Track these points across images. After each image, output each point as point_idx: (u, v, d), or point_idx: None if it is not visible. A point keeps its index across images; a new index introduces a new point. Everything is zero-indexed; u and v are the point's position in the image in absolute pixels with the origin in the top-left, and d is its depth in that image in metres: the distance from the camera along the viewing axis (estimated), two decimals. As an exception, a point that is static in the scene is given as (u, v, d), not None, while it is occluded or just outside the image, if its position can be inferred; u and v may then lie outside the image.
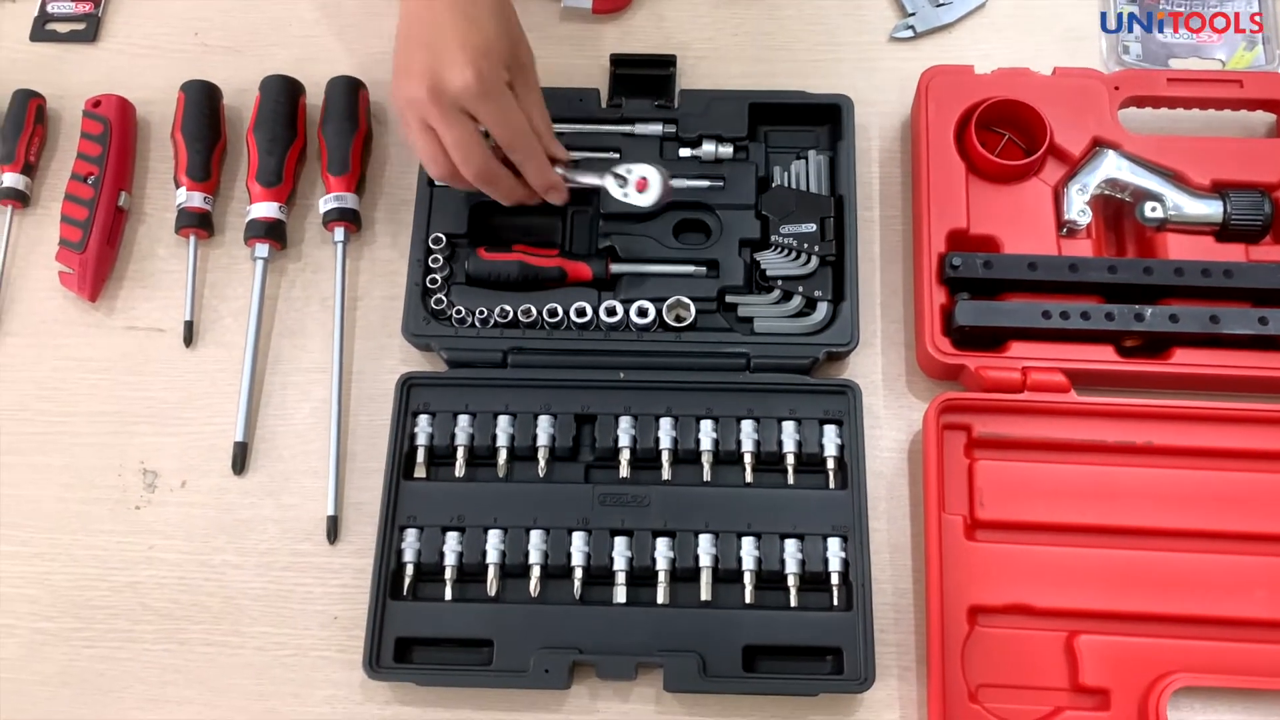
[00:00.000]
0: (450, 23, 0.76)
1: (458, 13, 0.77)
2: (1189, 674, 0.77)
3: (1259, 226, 0.87)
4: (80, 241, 0.91)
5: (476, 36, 0.76)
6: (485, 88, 0.76)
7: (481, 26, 0.77)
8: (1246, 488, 0.82)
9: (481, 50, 0.76)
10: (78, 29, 1.02)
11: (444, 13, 0.77)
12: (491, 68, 0.77)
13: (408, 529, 0.82)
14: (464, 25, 0.76)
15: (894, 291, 0.91)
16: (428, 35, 0.77)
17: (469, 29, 0.76)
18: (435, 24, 0.77)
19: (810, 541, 0.80)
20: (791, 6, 1.01)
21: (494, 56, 0.77)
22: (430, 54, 0.76)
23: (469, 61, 0.75)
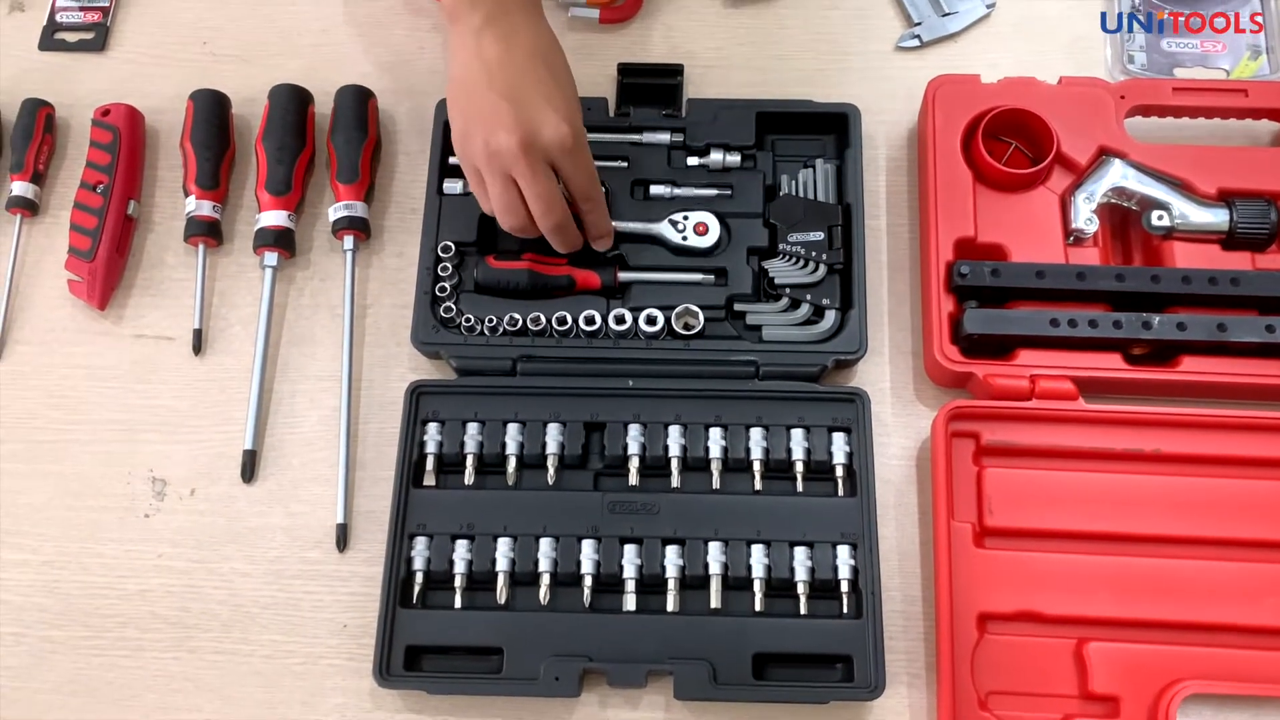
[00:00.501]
0: (538, 76, 0.78)
1: (542, 66, 0.79)
2: (1199, 681, 0.77)
3: (1265, 235, 0.87)
4: (89, 250, 0.91)
5: (565, 91, 0.79)
6: (577, 142, 0.78)
7: (563, 82, 0.80)
8: (1255, 495, 0.82)
9: (572, 105, 0.79)
10: (86, 38, 1.03)
11: (529, 64, 0.78)
12: (580, 122, 0.79)
13: (417, 537, 0.82)
14: (549, 81, 0.78)
15: (901, 300, 0.91)
16: (514, 86, 0.77)
17: (556, 84, 0.78)
18: (519, 76, 0.78)
19: (820, 549, 0.81)
20: (798, 16, 1.01)
21: (579, 111, 0.80)
22: (519, 107, 0.77)
23: (565, 118, 0.77)
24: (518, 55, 0.78)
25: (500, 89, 0.77)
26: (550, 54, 0.80)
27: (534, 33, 0.80)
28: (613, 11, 1.00)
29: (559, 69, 0.80)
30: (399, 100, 0.98)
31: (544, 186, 0.79)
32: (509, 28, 0.79)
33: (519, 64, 0.78)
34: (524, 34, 0.79)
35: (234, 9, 1.03)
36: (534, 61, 0.78)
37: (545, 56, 0.79)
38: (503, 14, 0.79)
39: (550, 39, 0.81)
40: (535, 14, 0.81)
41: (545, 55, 0.79)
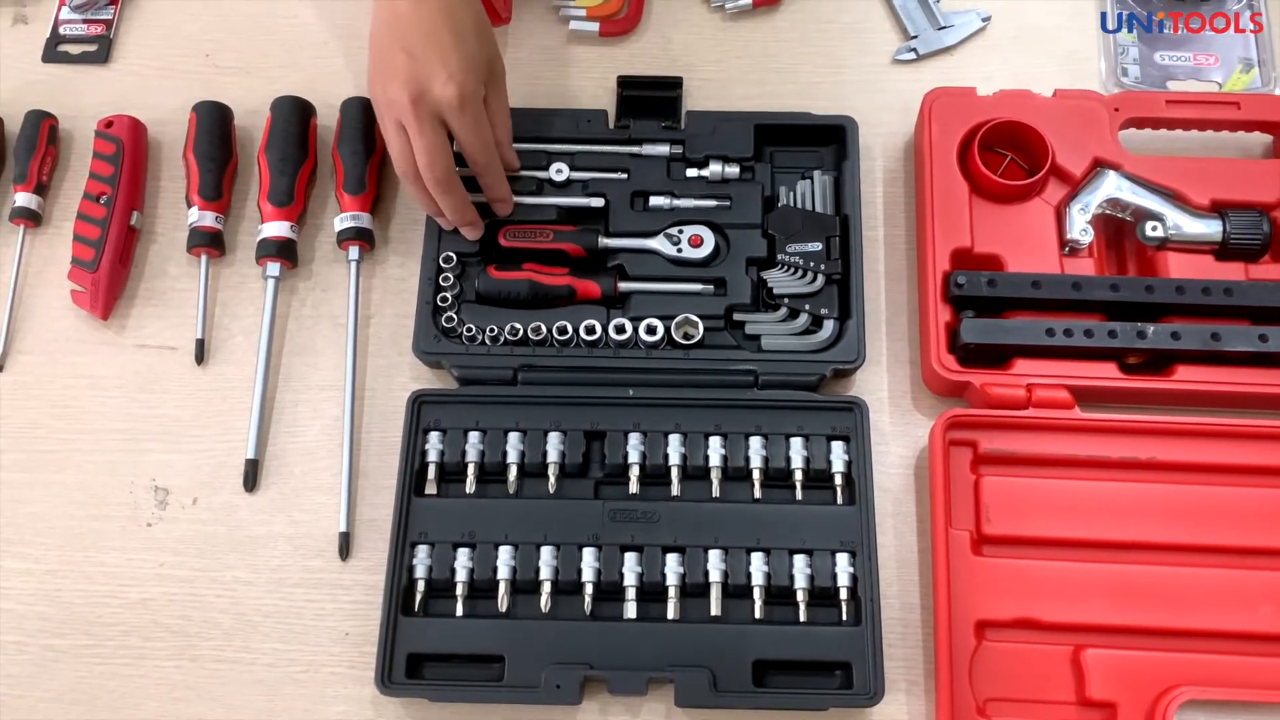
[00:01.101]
0: (437, 33, 0.80)
1: (445, 24, 0.80)
2: (1195, 687, 0.78)
3: (1258, 245, 0.88)
4: (92, 260, 0.91)
5: (462, 51, 0.80)
6: (465, 102, 0.81)
7: (466, 41, 0.81)
8: (1249, 503, 0.83)
9: (466, 66, 0.80)
10: (89, 50, 1.04)
11: (432, 21, 0.80)
12: (473, 83, 0.81)
13: (419, 545, 0.82)
14: (450, 39, 0.80)
15: (899, 309, 0.92)
16: (414, 41, 0.80)
17: (455, 43, 0.80)
18: (422, 31, 0.80)
19: (819, 557, 0.81)
20: (796, 30, 1.02)
21: (476, 72, 0.82)
22: (415, 62, 0.80)
23: (453, 76, 0.79)
24: (424, 12, 0.80)
25: (402, 42, 0.80)
26: (458, 13, 0.81)
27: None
28: (613, 25, 1.01)
29: (464, 28, 0.81)
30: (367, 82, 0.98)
31: (429, 140, 0.81)
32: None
33: (424, 20, 0.80)
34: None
35: (236, 22, 1.04)
36: (439, 18, 0.80)
37: (452, 15, 0.81)
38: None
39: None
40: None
41: (453, 13, 0.81)
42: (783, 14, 1.03)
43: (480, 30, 0.83)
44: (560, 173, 0.92)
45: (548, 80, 1.00)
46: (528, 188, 0.92)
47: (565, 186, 0.92)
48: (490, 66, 0.84)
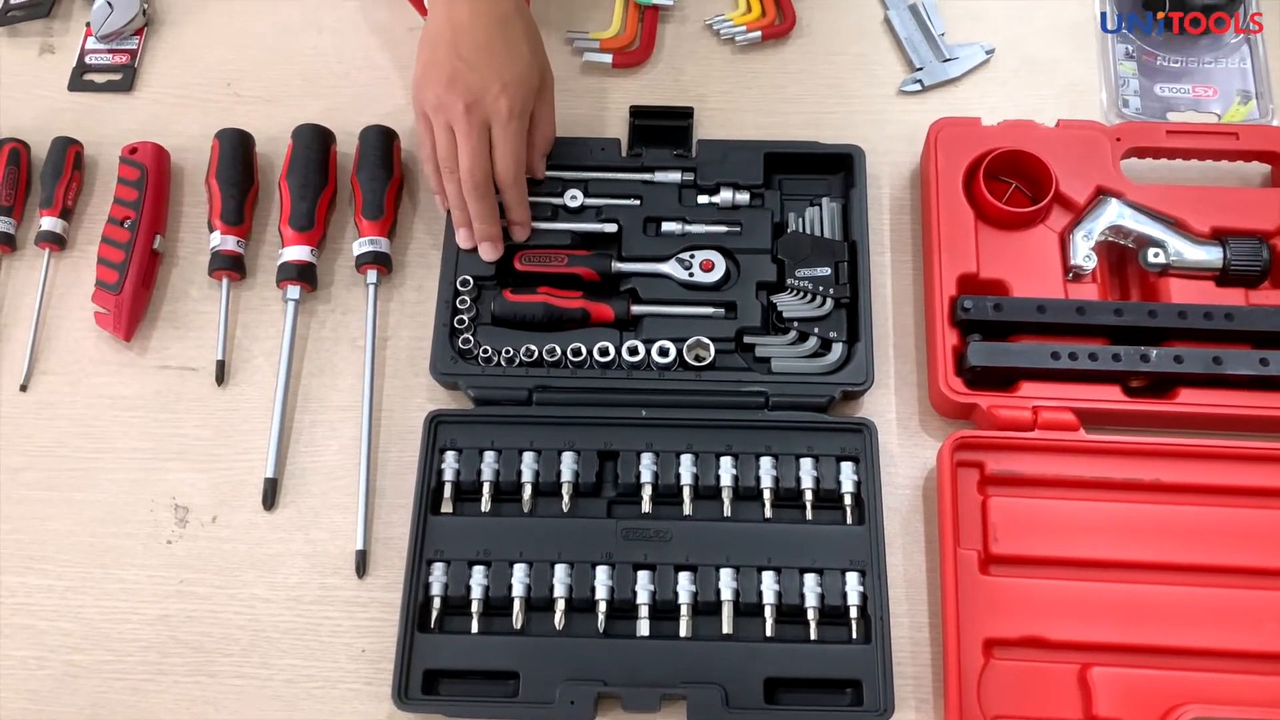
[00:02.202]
0: (492, 44, 0.84)
1: (500, 36, 0.84)
2: (1200, 705, 0.78)
3: (1258, 272, 0.90)
4: (116, 283, 0.93)
5: (516, 63, 0.84)
6: (513, 116, 0.84)
7: (519, 53, 0.85)
8: (1252, 523, 0.84)
9: (518, 82, 0.84)
10: (114, 79, 1.06)
11: (488, 32, 0.84)
12: (524, 98, 0.85)
13: (435, 563, 0.84)
14: (505, 51, 0.84)
15: (907, 333, 0.93)
16: (470, 49, 0.83)
17: (509, 55, 0.84)
18: (479, 41, 0.83)
19: (829, 576, 0.82)
20: (804, 61, 1.05)
21: (528, 85, 0.85)
22: (472, 70, 0.83)
23: (506, 88, 0.83)
24: (480, 21, 0.83)
25: (459, 50, 0.84)
26: (511, 25, 0.84)
27: (500, 2, 0.84)
28: (625, 56, 1.04)
29: (517, 39, 0.85)
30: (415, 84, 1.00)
31: (474, 145, 0.85)
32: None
33: (480, 30, 0.83)
34: (490, 2, 0.84)
35: (257, 52, 1.07)
36: (494, 29, 0.83)
37: (507, 27, 0.84)
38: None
39: (515, 8, 0.86)
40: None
41: (507, 25, 0.84)
42: (791, 46, 1.05)
43: (532, 40, 0.87)
44: (575, 199, 0.94)
45: (562, 110, 1.01)
46: (543, 213, 0.94)
47: (580, 212, 0.94)
48: (542, 76, 0.88)
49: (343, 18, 1.08)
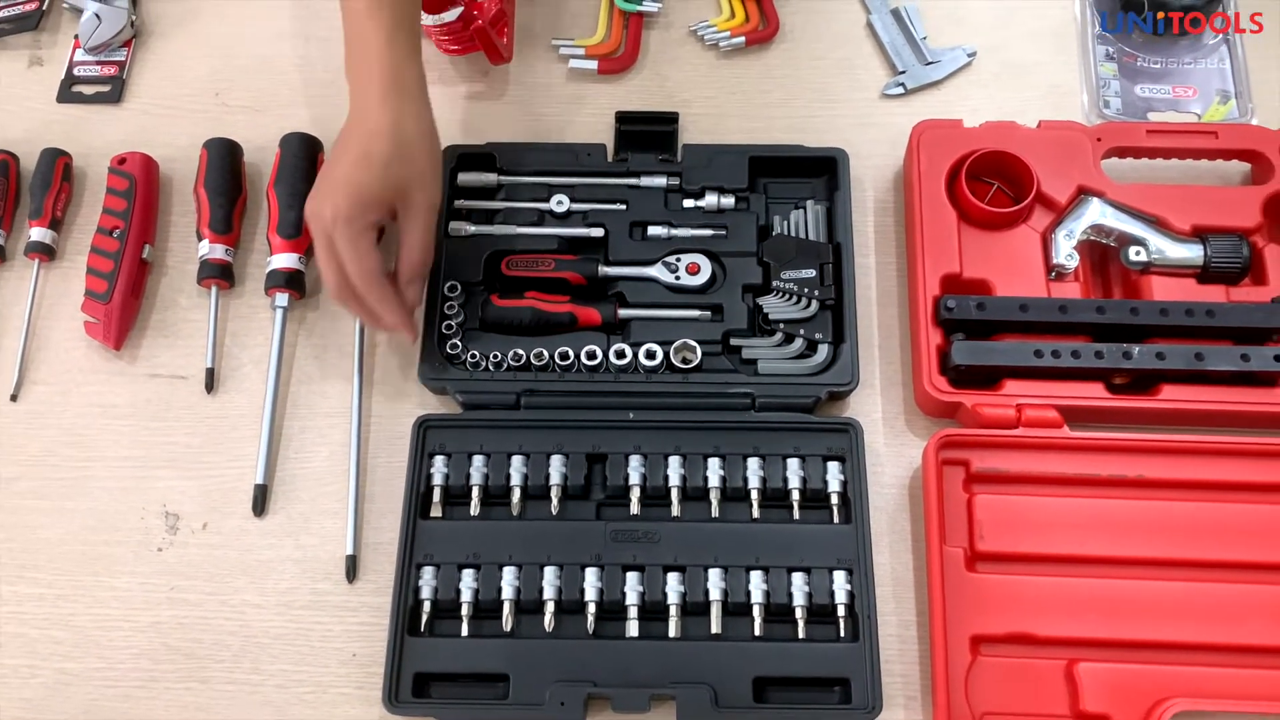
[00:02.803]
0: (345, 158, 0.82)
1: (356, 149, 0.82)
2: (1186, 699, 0.79)
3: (1238, 269, 0.90)
4: (105, 293, 0.94)
5: (358, 177, 0.81)
6: (340, 224, 0.81)
7: (370, 169, 0.81)
8: (1236, 518, 0.85)
9: (355, 191, 0.81)
10: (103, 91, 1.07)
11: (345, 146, 0.83)
12: (355, 209, 0.81)
13: (425, 567, 0.84)
14: (354, 165, 0.81)
15: (891, 334, 0.94)
16: (329, 164, 0.84)
17: (356, 169, 0.81)
18: (337, 153, 0.83)
19: (816, 574, 0.83)
20: (788, 66, 1.06)
21: (364, 199, 0.81)
22: (324, 177, 0.83)
23: (332, 198, 0.81)
24: (346, 136, 0.83)
25: (326, 163, 0.84)
26: (376, 142, 0.81)
27: (374, 113, 0.82)
28: (610, 63, 1.05)
29: (376, 163, 0.81)
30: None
31: (322, 256, 0.83)
32: (359, 105, 0.83)
33: (342, 143, 0.83)
34: (363, 113, 0.83)
35: (245, 63, 1.08)
36: (354, 144, 0.82)
37: (370, 143, 0.81)
38: (359, 91, 0.84)
39: (390, 122, 0.82)
40: (389, 93, 0.82)
41: (371, 141, 0.81)
42: (775, 51, 1.06)
43: (395, 159, 0.82)
44: (561, 204, 0.95)
45: (549, 116, 1.03)
46: (530, 219, 0.95)
47: (566, 217, 0.95)
48: (401, 191, 0.83)
49: (329, 27, 1.08)
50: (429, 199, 0.85)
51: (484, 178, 0.97)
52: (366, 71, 0.83)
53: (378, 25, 0.83)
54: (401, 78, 0.83)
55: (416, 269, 0.86)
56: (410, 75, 0.84)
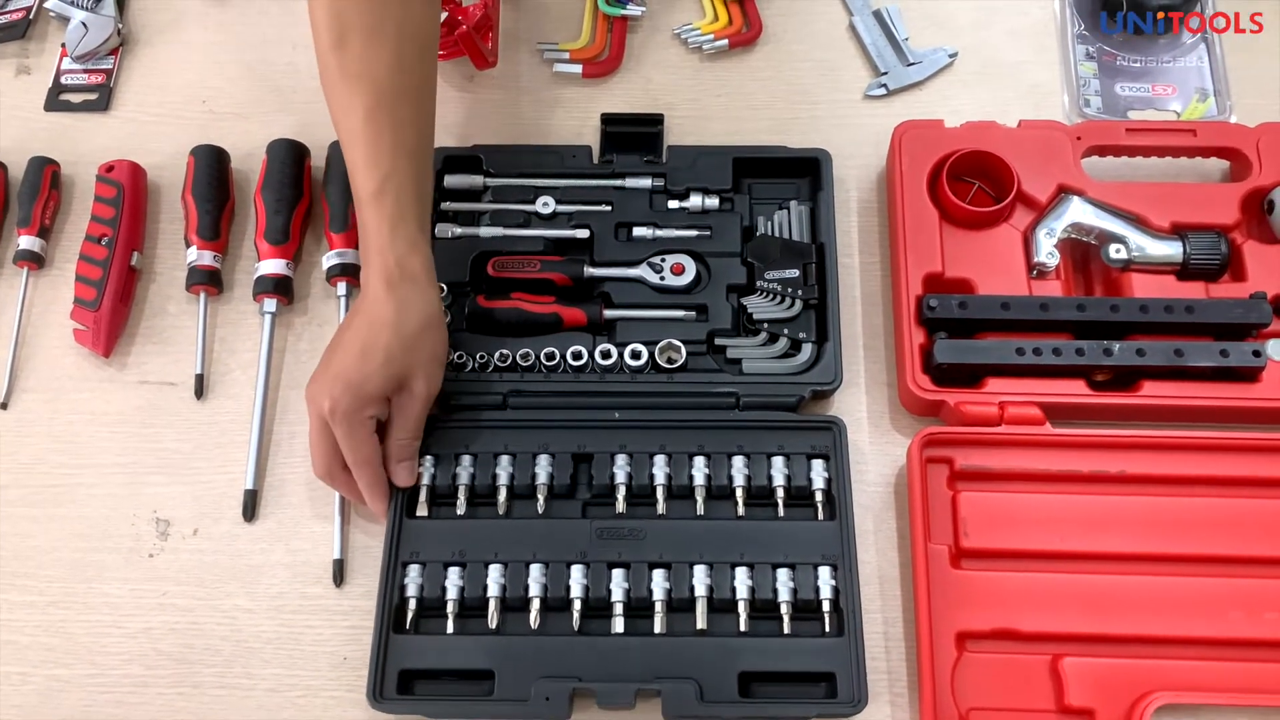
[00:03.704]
0: (344, 348, 0.82)
1: (356, 342, 0.82)
2: (1169, 692, 0.80)
3: (1217, 265, 0.91)
4: (94, 300, 0.94)
5: (359, 373, 0.81)
6: (339, 416, 0.81)
7: (371, 364, 0.81)
8: (1216, 512, 0.85)
9: (355, 387, 0.81)
10: (90, 99, 1.07)
11: (348, 339, 0.82)
12: (354, 405, 0.81)
13: (411, 565, 0.84)
14: (356, 359, 0.81)
15: (875, 333, 0.95)
16: (331, 352, 0.83)
17: (357, 364, 0.81)
18: (338, 345, 0.83)
19: (801, 570, 0.83)
20: (771, 68, 1.06)
21: (363, 396, 0.81)
22: (324, 363, 0.83)
23: (330, 391, 0.81)
24: (350, 323, 0.83)
25: (329, 349, 0.84)
26: (377, 331, 0.81)
27: (375, 305, 0.82)
28: (595, 66, 1.05)
29: (373, 355, 0.81)
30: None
31: (312, 439, 0.83)
32: (362, 295, 0.83)
33: (344, 332, 0.83)
34: (367, 304, 0.82)
35: (232, 69, 1.08)
36: (354, 335, 0.82)
37: (369, 334, 0.81)
38: (364, 280, 0.83)
39: (391, 316, 0.81)
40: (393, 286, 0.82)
41: (371, 333, 0.81)
42: (758, 53, 1.07)
43: (395, 350, 0.81)
44: (547, 206, 0.96)
45: (534, 119, 1.04)
46: (516, 220, 0.96)
47: (552, 219, 0.96)
48: (399, 384, 0.83)
49: (315, 34, 1.09)
50: (428, 388, 0.84)
51: (470, 180, 0.97)
52: (370, 260, 0.83)
53: (380, 215, 0.82)
54: (406, 267, 0.82)
55: (406, 452, 0.86)
56: (415, 264, 0.83)
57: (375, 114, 0.82)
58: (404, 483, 0.86)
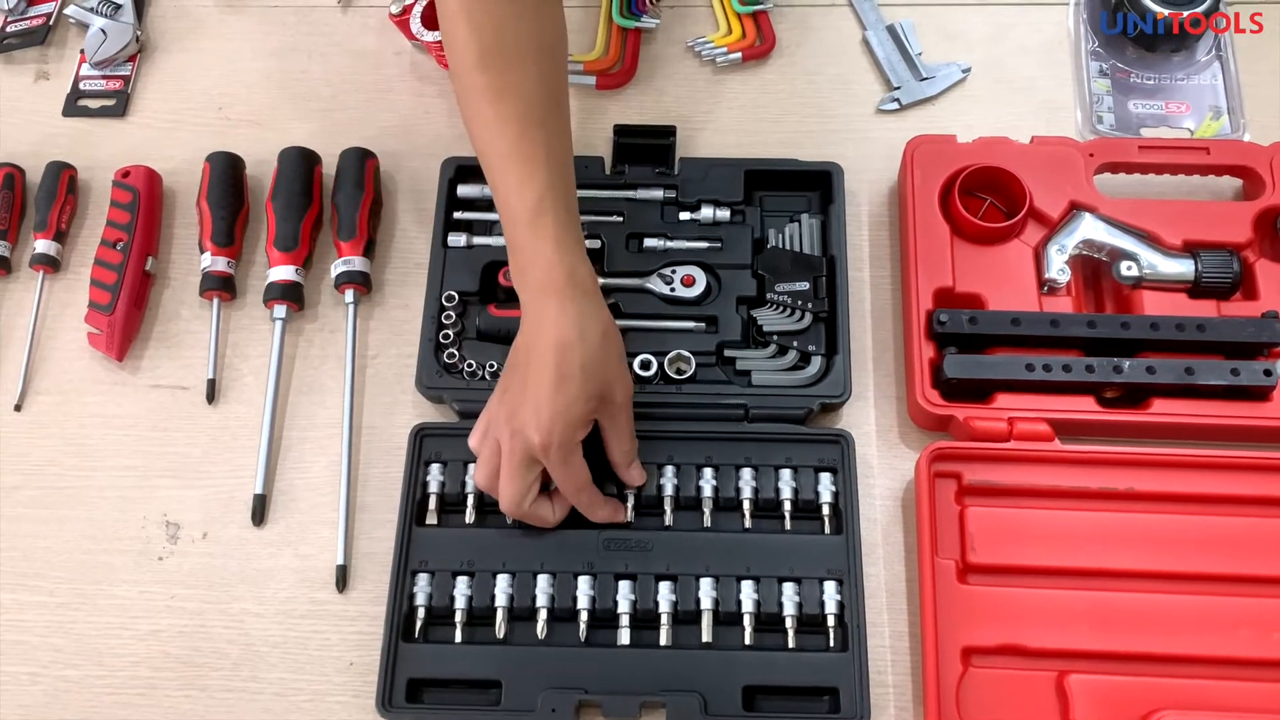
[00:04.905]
0: (543, 374, 0.78)
1: (552, 365, 0.78)
2: (1175, 711, 0.79)
3: (1229, 284, 0.91)
4: (109, 304, 0.95)
5: (563, 401, 0.78)
6: (550, 450, 0.78)
7: (567, 389, 0.78)
8: (1225, 531, 0.85)
9: (565, 417, 0.78)
10: (108, 105, 1.08)
11: (540, 362, 0.78)
12: (569, 434, 0.78)
13: (420, 573, 0.85)
14: (550, 386, 0.78)
15: (885, 347, 0.95)
16: (528, 374, 0.79)
17: (554, 391, 0.78)
18: (535, 367, 0.79)
19: (807, 585, 0.83)
20: (784, 81, 1.07)
21: (575, 423, 0.79)
22: (521, 399, 0.79)
23: (541, 425, 0.78)
24: (536, 346, 0.79)
25: (521, 370, 0.80)
26: (568, 351, 0.78)
27: (558, 323, 0.79)
28: (609, 78, 1.06)
29: (574, 376, 0.78)
30: (403, 161, 1.03)
31: (510, 472, 0.80)
32: (539, 314, 0.80)
33: (537, 356, 0.79)
34: (548, 324, 0.79)
35: (247, 77, 1.09)
36: (549, 357, 0.78)
37: (561, 353, 0.78)
38: (535, 301, 0.80)
39: (575, 333, 0.78)
40: (568, 300, 0.79)
41: (562, 352, 0.78)
42: (771, 66, 1.08)
43: (590, 366, 0.79)
44: (558, 217, 0.96)
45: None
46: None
47: (563, 229, 0.96)
48: (601, 400, 0.80)
49: (330, 43, 1.10)
50: (625, 392, 0.83)
51: (483, 190, 0.98)
52: (533, 279, 0.80)
53: (542, 232, 0.80)
54: (577, 280, 0.80)
55: (630, 456, 0.85)
56: (584, 275, 0.81)
57: (527, 130, 0.80)
58: (639, 481, 0.86)
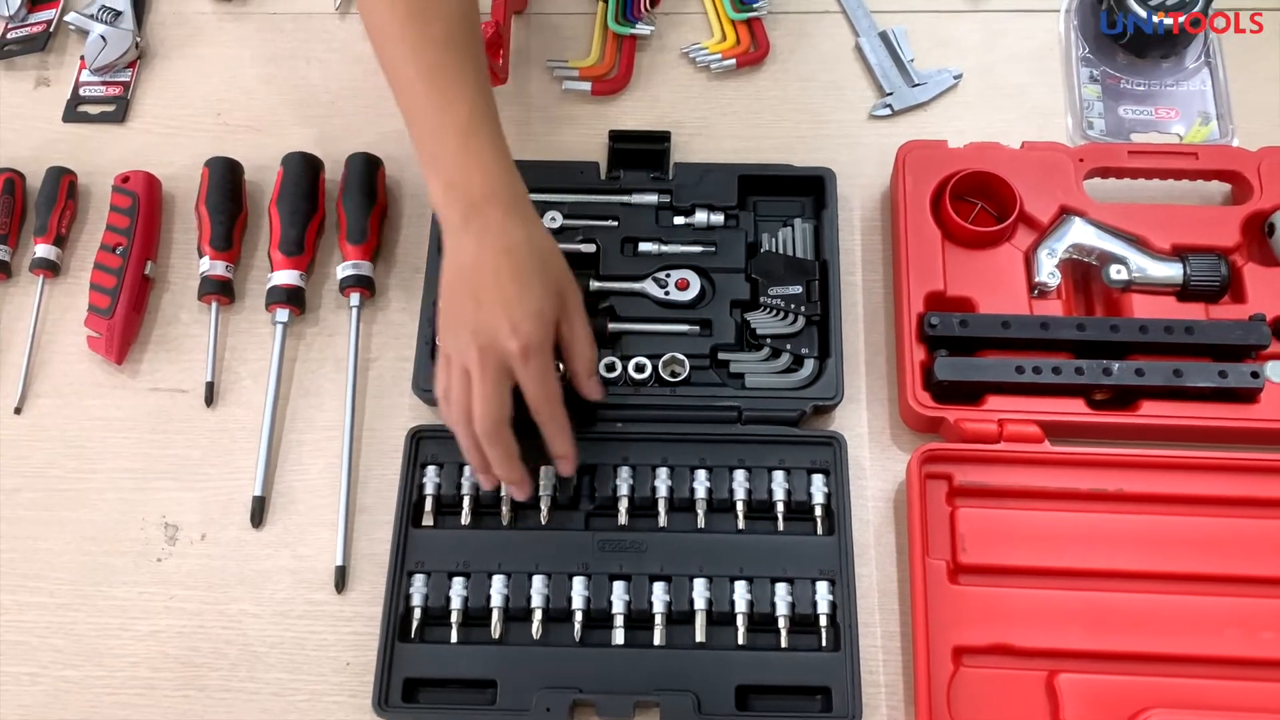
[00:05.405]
0: (500, 281, 0.77)
1: (508, 270, 0.77)
2: (1164, 710, 0.80)
3: (1217, 287, 0.92)
4: (108, 308, 0.96)
5: (527, 298, 0.77)
6: (529, 354, 0.77)
7: (532, 288, 0.77)
8: (1213, 531, 0.86)
9: (532, 314, 0.77)
10: (108, 110, 1.09)
11: (495, 268, 0.77)
12: (539, 333, 0.77)
13: (415, 574, 0.86)
14: (514, 286, 0.77)
15: (877, 350, 0.96)
16: (480, 288, 0.78)
17: (519, 290, 0.77)
18: (487, 279, 0.77)
19: (799, 585, 0.84)
20: (777, 88, 1.08)
21: (543, 319, 0.78)
22: (482, 311, 0.77)
23: (517, 328, 0.76)
24: (488, 258, 0.78)
25: (469, 290, 0.78)
26: (518, 255, 0.78)
27: (504, 230, 0.78)
28: (604, 84, 1.07)
29: (533, 280, 0.78)
30: (403, 166, 1.04)
31: (488, 390, 0.77)
32: (481, 226, 0.78)
33: (488, 267, 0.77)
34: (494, 232, 0.78)
35: (247, 83, 1.10)
36: (502, 264, 0.77)
37: (515, 258, 0.78)
38: (476, 213, 0.79)
39: (523, 236, 0.79)
40: (511, 209, 0.79)
41: (516, 256, 0.78)
42: (765, 73, 1.08)
43: (545, 267, 0.79)
44: (554, 220, 0.97)
45: (544, 135, 1.05)
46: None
47: (560, 233, 0.97)
48: (561, 299, 0.80)
49: (329, 49, 1.11)
50: (577, 293, 0.82)
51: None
52: (470, 192, 0.79)
53: (477, 146, 0.80)
54: (515, 190, 0.80)
55: (592, 364, 0.84)
56: (520, 186, 0.81)
57: (451, 49, 0.80)
58: (598, 395, 0.85)
